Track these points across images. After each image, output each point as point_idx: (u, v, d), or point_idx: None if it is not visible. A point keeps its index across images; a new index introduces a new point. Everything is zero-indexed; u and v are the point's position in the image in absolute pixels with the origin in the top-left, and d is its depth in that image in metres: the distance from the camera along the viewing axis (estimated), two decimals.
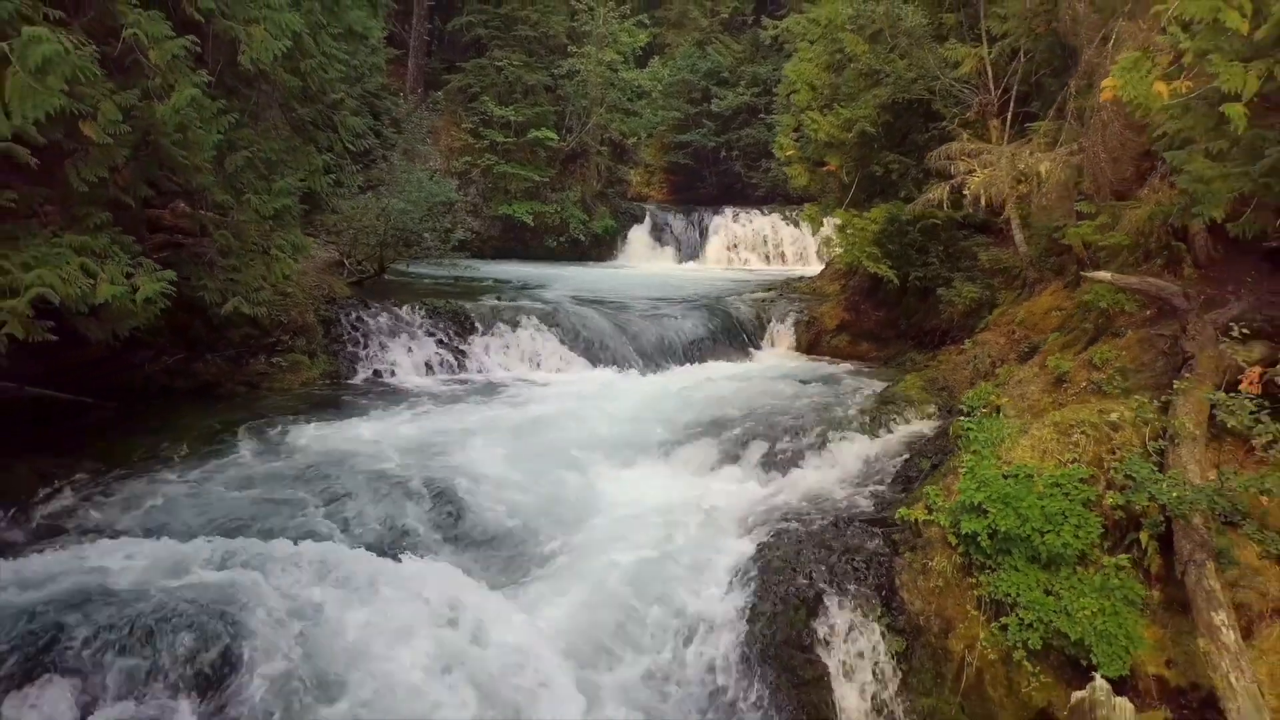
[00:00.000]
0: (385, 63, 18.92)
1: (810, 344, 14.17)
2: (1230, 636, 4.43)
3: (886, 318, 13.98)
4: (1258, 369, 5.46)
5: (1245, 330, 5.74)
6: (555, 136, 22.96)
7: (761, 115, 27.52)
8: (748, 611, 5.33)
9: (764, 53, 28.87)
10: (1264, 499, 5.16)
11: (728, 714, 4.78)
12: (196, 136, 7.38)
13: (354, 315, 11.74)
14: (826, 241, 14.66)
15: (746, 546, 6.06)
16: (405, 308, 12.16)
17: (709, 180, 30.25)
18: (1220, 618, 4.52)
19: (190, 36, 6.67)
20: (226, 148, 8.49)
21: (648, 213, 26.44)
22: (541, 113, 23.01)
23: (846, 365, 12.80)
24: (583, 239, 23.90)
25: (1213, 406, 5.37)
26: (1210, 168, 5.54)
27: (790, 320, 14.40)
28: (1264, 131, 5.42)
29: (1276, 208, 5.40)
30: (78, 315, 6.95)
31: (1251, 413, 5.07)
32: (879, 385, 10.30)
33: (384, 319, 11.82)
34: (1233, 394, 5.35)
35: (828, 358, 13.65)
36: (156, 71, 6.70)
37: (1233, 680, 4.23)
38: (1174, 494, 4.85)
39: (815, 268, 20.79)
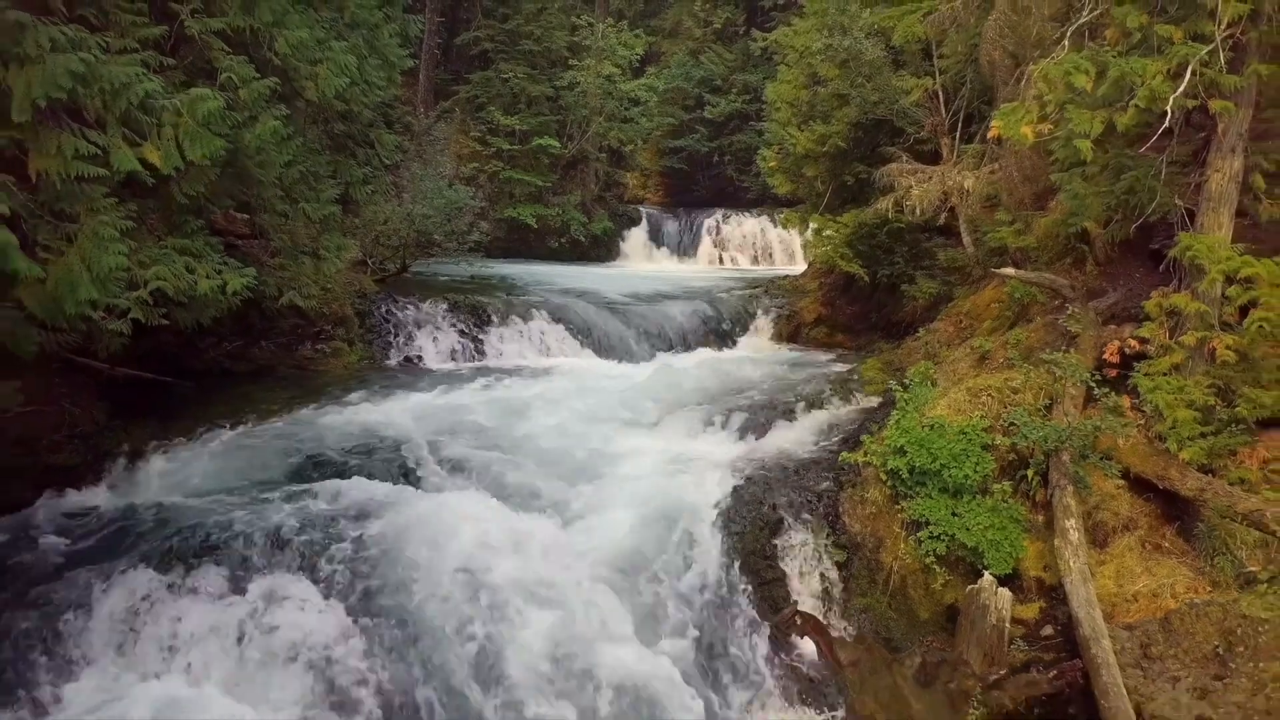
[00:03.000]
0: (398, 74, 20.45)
1: (791, 335, 15.72)
2: (1075, 536, 6.00)
3: (859, 311, 15.52)
4: (1116, 343, 7.04)
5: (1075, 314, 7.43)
6: (557, 144, 24.50)
7: (752, 122, 29.04)
8: (727, 530, 6.88)
9: (754, 62, 30.36)
10: (1120, 441, 6.74)
11: (713, 600, 6.33)
12: (270, 157, 8.91)
13: (384, 309, 13.26)
14: (807, 243, 16.21)
15: (727, 487, 7.59)
16: (429, 302, 13.66)
17: (702, 184, 31.76)
18: (1070, 523, 6.09)
19: (274, 79, 8.17)
20: (285, 164, 10.00)
21: (644, 215, 27.98)
22: (544, 122, 24.54)
23: (821, 353, 14.35)
24: (583, 240, 25.43)
25: (1057, 366, 7.00)
26: (1084, 187, 7.13)
27: (773, 314, 15.96)
28: (1124, 159, 7.01)
29: (1133, 219, 6.96)
30: (175, 305, 8.48)
31: (1073, 366, 6.74)
32: (845, 368, 11.88)
33: (410, 312, 13.33)
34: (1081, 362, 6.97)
35: (806, 347, 15.20)
36: (245, 106, 8.21)
37: (1071, 563, 5.80)
38: (1039, 434, 6.44)
39: (801, 267, 22.30)
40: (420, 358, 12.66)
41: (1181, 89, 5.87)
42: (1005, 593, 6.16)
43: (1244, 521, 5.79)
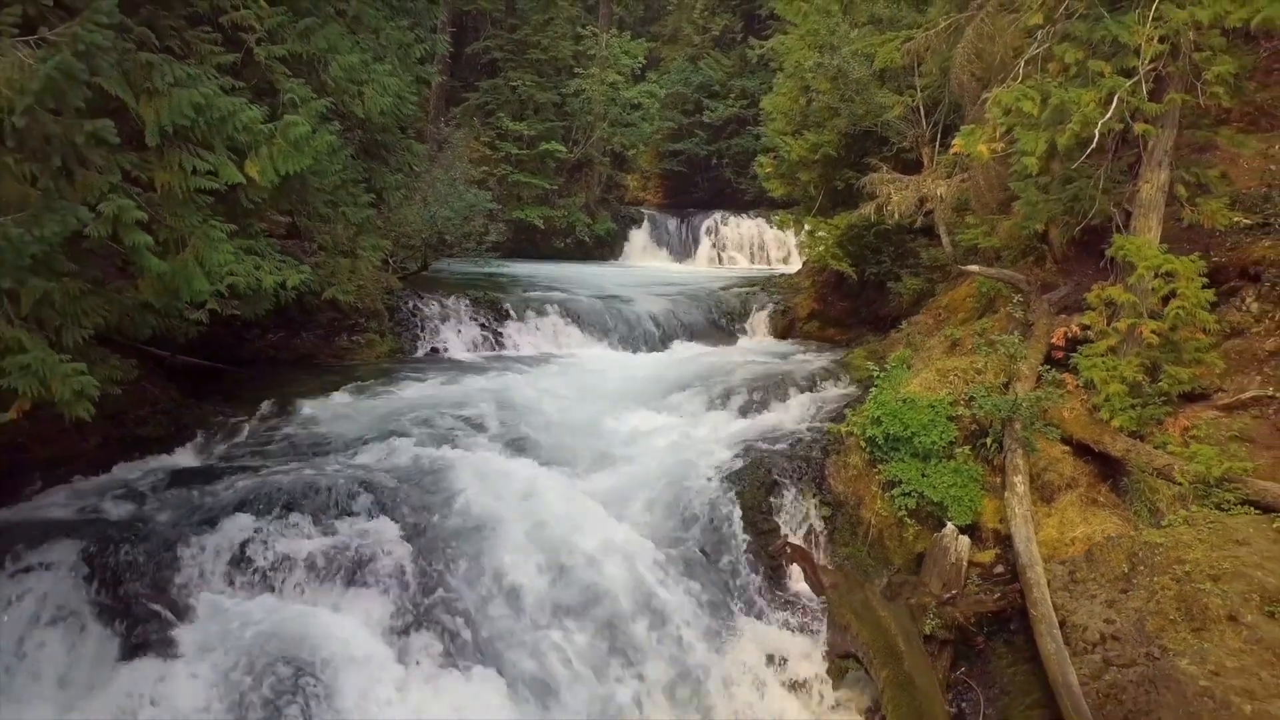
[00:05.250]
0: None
1: (786, 329, 16.86)
2: (1021, 488, 7.15)
3: (850, 307, 16.65)
4: (1063, 330, 8.20)
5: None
6: (563, 149, 25.63)
7: (749, 126, 30.16)
8: (730, 490, 8.01)
9: (751, 68, 31.47)
10: (1064, 412, 7.88)
11: (717, 548, 7.47)
12: (324, 167, 10.03)
13: (410, 304, 14.38)
14: (801, 244, 17.35)
15: (728, 455, 8.74)
16: (451, 298, 14.79)
17: (701, 186, 32.87)
18: (1018, 478, 7.25)
19: (328, 98, 9.29)
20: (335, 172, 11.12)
21: (646, 216, 29.11)
22: (551, 127, 25.68)
23: (814, 345, 15.50)
24: (587, 240, 26.57)
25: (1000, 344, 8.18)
26: (1036, 195, 8.28)
27: (769, 310, 17.10)
28: (1070, 171, 8.17)
29: (1078, 222, 8.11)
30: (240, 299, 9.59)
31: (1013, 344, 7.93)
32: (836, 357, 13.04)
33: (435, 307, 14.46)
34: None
35: (801, 340, 16.35)
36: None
37: (1016, 509, 6.96)
38: (991, 405, 7.58)
39: (796, 266, 23.41)
40: (445, 348, 13.78)
41: (1109, 115, 7.01)
42: (964, 539, 7.30)
43: (1157, 475, 6.94)
